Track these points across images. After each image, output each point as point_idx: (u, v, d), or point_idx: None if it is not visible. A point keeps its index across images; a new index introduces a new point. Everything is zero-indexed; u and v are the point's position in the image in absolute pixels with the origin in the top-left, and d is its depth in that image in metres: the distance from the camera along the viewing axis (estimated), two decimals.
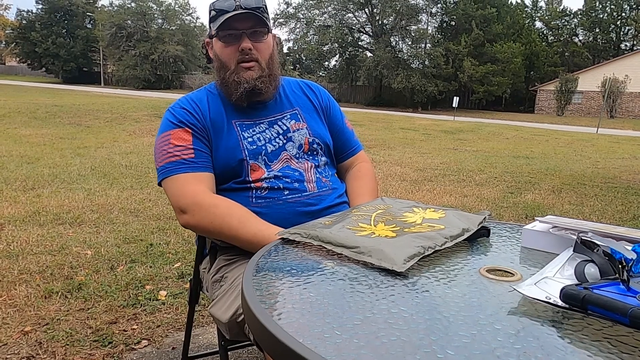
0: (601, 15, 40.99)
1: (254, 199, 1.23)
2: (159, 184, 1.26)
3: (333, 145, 1.42)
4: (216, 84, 1.35)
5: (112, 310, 2.12)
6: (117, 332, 1.96)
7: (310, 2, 35.18)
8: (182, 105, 1.30)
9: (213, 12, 1.26)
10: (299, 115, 1.37)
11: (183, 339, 1.70)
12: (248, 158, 1.25)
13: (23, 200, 3.86)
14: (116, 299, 2.23)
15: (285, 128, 1.32)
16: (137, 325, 2.03)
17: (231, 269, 1.23)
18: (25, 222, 3.31)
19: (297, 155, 1.30)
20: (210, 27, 1.29)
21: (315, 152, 1.34)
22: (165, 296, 2.29)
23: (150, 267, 2.63)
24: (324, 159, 1.36)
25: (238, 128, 1.28)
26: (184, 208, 1.18)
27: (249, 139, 1.27)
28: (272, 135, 1.30)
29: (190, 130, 1.25)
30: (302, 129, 1.34)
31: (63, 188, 4.34)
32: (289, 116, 1.35)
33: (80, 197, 4.04)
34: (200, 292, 1.45)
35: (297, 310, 0.62)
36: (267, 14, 1.30)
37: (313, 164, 1.31)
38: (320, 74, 39.24)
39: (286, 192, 1.24)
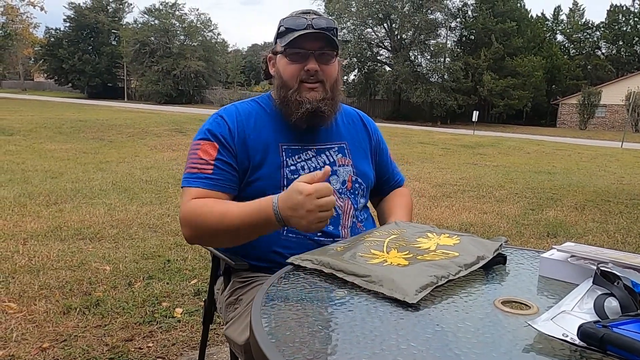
0: (624, 28, 40.36)
1: (285, 231, 1.19)
2: None
3: (378, 178, 1.41)
4: (274, 103, 1.29)
5: (129, 328, 2.14)
6: (133, 349, 1.96)
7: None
8: (228, 118, 1.24)
9: (282, 29, 1.22)
10: (346, 150, 1.32)
11: (197, 358, 1.70)
12: (285, 188, 1.14)
13: (46, 215, 3.94)
14: (133, 315, 2.24)
15: (332, 160, 1.28)
16: (152, 343, 2.03)
17: (245, 291, 1.23)
18: (47, 237, 3.37)
19: (340, 191, 1.26)
20: (276, 42, 1.26)
21: (356, 192, 1.30)
22: (181, 314, 2.30)
23: (167, 283, 2.64)
24: (362, 200, 1.32)
25: (284, 153, 1.23)
26: (182, 222, 1.16)
27: (292, 167, 1.22)
28: (318, 164, 1.25)
29: (217, 146, 1.20)
30: (347, 165, 1.30)
31: (84, 203, 4.42)
32: (336, 148, 1.31)
33: (100, 212, 4.11)
34: (215, 312, 1.45)
35: (305, 345, 0.61)
36: (337, 36, 1.26)
37: (353, 206, 1.27)
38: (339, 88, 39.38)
39: (319, 234, 1.19)
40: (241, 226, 1.07)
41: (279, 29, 1.25)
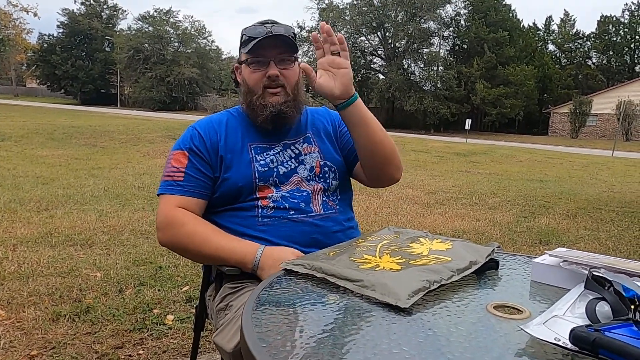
0: (615, 38, 40.94)
1: (260, 218, 1.25)
2: None
3: (350, 154, 1.40)
4: (242, 108, 1.38)
5: (119, 335, 2.11)
6: (123, 357, 1.94)
7: None
8: (200, 128, 1.33)
9: (244, 37, 1.29)
10: (311, 139, 1.38)
11: None
12: (257, 180, 1.27)
13: (36, 221, 3.90)
14: (123, 322, 2.22)
15: (297, 152, 1.34)
16: (143, 350, 2.01)
17: (236, 297, 1.22)
18: (37, 243, 3.33)
19: (309, 178, 1.32)
20: (240, 52, 1.33)
21: (326, 175, 1.35)
22: (173, 321, 2.27)
23: (159, 290, 2.62)
24: (335, 182, 1.36)
25: (252, 151, 1.31)
26: (158, 226, 1.25)
27: (261, 162, 1.29)
28: (284, 158, 1.32)
29: (187, 155, 1.28)
30: (314, 152, 1.36)
31: (76, 209, 4.38)
32: (302, 140, 1.37)
33: (92, 218, 4.07)
34: (206, 319, 1.44)
35: (296, 350, 0.61)
36: (296, 41, 1.32)
37: (322, 187, 1.32)
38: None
39: (292, 212, 1.26)
40: (216, 256, 1.20)
41: (241, 38, 1.31)
